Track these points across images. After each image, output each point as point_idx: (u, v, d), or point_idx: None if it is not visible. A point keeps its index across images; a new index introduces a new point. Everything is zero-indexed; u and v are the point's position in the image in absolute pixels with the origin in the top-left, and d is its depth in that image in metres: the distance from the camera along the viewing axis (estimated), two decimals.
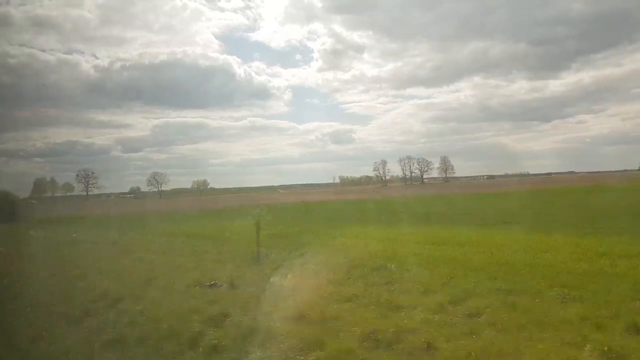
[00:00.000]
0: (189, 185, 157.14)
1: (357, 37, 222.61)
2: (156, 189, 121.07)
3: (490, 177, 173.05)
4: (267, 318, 7.43)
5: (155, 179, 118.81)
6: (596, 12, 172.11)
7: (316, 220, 28.04)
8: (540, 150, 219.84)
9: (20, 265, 12.86)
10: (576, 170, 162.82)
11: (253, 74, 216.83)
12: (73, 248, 19.37)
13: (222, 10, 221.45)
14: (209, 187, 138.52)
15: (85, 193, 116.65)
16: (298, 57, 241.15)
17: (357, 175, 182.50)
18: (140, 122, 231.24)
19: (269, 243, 15.41)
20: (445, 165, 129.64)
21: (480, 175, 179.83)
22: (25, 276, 11.85)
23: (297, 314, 7.48)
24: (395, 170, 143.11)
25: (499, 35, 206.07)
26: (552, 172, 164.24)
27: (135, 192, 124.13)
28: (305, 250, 14.62)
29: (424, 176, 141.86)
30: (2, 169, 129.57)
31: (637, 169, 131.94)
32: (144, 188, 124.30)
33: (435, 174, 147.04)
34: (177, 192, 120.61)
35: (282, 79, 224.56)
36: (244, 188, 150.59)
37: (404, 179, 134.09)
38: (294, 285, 9.54)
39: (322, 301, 8.27)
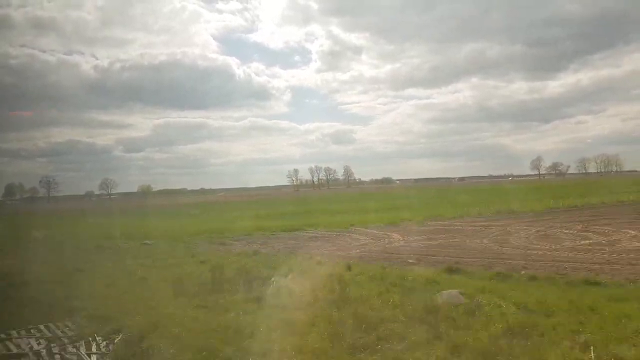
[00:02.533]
0: (185, 186, 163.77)
1: (354, 38, 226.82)
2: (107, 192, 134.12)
3: (461, 179, 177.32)
4: None
5: (105, 184, 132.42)
6: (592, 14, 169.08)
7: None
8: (542, 150, 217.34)
9: None
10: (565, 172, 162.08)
11: (252, 75, 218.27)
12: None
13: (220, 12, 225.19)
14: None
15: (47, 196, 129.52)
16: (297, 58, 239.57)
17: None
18: (141, 122, 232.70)
19: None
20: (347, 173, 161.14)
21: (453, 177, 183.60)
22: None
23: None
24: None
25: (495, 37, 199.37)
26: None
27: (90, 195, 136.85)
28: None
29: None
30: (5, 168, 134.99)
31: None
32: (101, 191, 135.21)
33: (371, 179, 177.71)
34: (130, 195, 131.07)
35: (281, 79, 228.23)
36: (236, 189, 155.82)
37: (312, 184, 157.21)
38: None
39: None
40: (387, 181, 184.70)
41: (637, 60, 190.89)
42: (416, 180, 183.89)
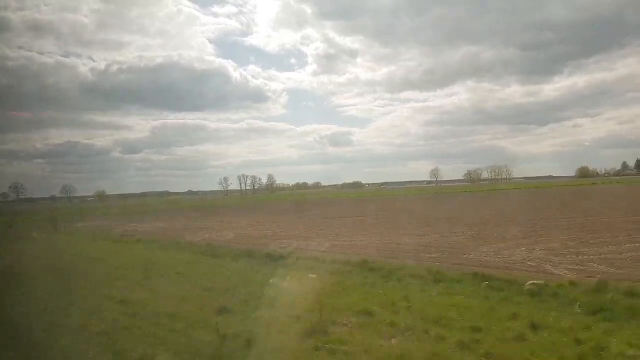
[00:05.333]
0: (184, 189, 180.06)
1: (349, 42, 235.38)
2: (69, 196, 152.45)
3: (430, 182, 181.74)
4: None
5: (66, 189, 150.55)
6: (585, 18, 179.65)
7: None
8: (539, 153, 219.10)
9: None
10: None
11: (249, 77, 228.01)
12: None
13: (216, 15, 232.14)
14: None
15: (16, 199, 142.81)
16: (293, 61, 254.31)
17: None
18: (139, 124, 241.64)
19: None
20: (270, 180, 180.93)
21: (424, 181, 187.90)
22: None
23: None
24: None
25: (488, 40, 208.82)
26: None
27: (53, 198, 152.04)
28: None
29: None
30: (3, 169, 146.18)
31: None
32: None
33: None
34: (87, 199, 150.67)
35: (278, 82, 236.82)
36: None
37: (240, 190, 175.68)
38: None
39: None
40: (357, 185, 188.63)
41: (632, 65, 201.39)
42: (382, 184, 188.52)
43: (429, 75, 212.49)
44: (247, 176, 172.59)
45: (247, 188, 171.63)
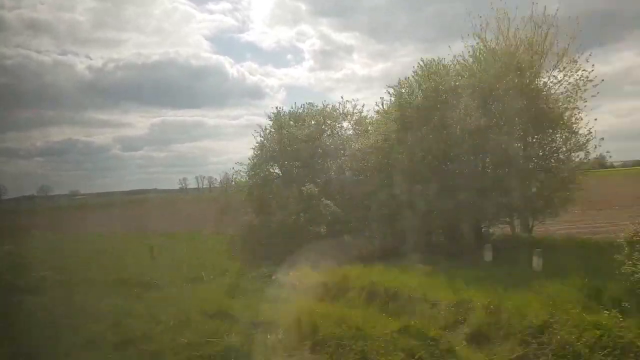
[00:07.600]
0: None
1: (344, 38, 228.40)
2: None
3: None
4: None
5: (43, 189, 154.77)
6: (579, 12, 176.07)
7: None
8: None
9: None
10: None
11: (246, 74, 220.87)
12: None
13: (211, 12, 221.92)
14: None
15: None
16: (289, 57, 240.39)
17: None
18: (139, 121, 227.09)
19: None
20: (225, 179, 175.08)
21: None
22: None
23: None
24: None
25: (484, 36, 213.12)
26: None
27: (31, 197, 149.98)
28: None
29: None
30: (3, 167, 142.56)
31: None
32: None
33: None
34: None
35: (275, 78, 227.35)
36: None
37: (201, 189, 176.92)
38: None
39: None
40: None
41: (628, 58, 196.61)
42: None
43: None
44: (204, 176, 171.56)
45: (204, 187, 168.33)
